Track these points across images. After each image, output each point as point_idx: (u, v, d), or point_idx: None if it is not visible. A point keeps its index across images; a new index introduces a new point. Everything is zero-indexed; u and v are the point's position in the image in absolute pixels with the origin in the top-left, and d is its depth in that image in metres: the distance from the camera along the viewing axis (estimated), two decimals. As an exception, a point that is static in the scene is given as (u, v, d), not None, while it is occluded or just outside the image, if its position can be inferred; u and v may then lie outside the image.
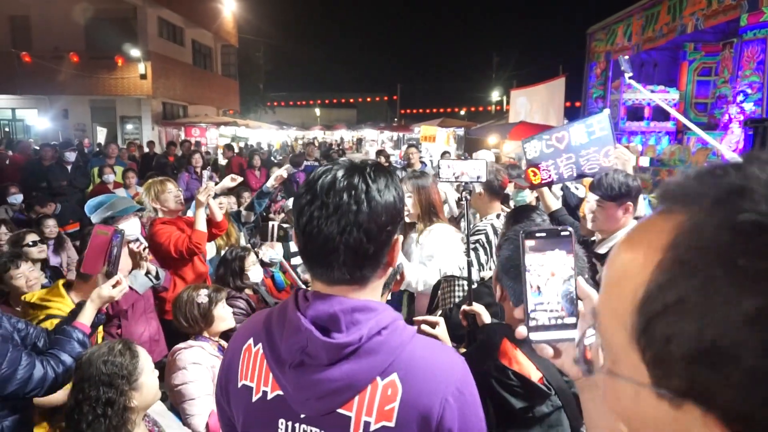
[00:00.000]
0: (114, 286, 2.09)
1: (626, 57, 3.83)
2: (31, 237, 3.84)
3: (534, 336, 0.78)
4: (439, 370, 0.93)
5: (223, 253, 4.11)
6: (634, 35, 10.60)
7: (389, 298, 1.76)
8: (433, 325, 1.77)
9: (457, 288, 2.68)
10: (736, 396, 0.40)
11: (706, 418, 0.42)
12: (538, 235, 0.79)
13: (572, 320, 0.77)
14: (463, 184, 2.42)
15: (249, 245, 4.02)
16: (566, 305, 0.77)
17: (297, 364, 0.94)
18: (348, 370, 0.91)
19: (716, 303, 0.40)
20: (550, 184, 3.00)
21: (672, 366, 0.43)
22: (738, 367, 0.39)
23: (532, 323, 0.78)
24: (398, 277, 1.67)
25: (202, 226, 3.52)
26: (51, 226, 4.73)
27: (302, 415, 0.95)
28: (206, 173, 4.47)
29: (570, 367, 0.79)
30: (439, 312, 2.51)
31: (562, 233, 0.79)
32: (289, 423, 0.97)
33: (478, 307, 1.90)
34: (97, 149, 13.01)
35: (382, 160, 8.32)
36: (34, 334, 2.03)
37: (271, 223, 5.15)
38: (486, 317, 1.88)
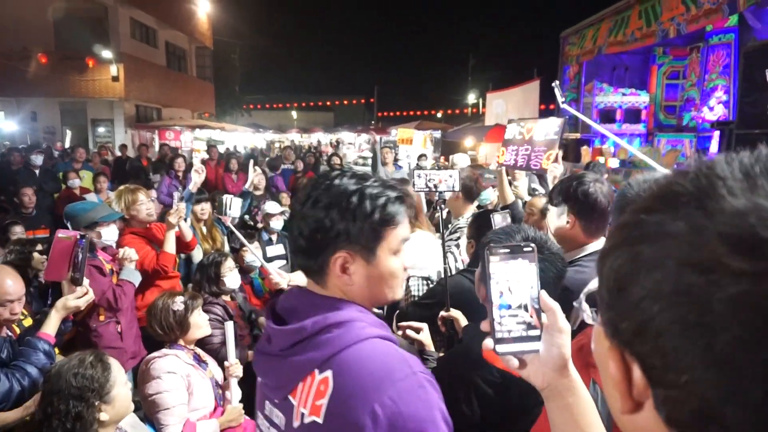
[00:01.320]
0: (80, 297, 2.04)
1: (556, 82, 4.10)
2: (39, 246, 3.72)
3: (500, 348, 0.80)
4: (374, 376, 0.92)
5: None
6: (600, 38, 10.81)
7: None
8: (417, 330, 1.81)
9: (411, 287, 2.77)
10: (626, 322, 0.45)
11: (611, 353, 0.48)
12: (501, 250, 0.81)
13: (536, 332, 0.80)
14: (437, 193, 2.45)
15: (227, 251, 3.97)
16: (530, 318, 0.80)
17: (262, 351, 1.07)
18: (293, 359, 0.98)
19: (626, 244, 0.46)
20: (507, 166, 3.17)
21: (602, 301, 0.49)
22: (630, 296, 0.44)
23: (498, 336, 0.80)
24: None
25: (171, 248, 3.50)
26: (18, 233, 4.59)
27: (275, 399, 1.05)
28: (176, 195, 4.37)
29: (535, 378, 0.82)
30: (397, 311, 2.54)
31: (525, 248, 0.81)
32: (270, 405, 1.07)
33: (455, 313, 1.93)
34: (66, 152, 12.68)
35: (337, 162, 8.38)
36: None
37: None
38: (463, 322, 1.90)
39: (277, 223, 4.70)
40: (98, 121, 19.76)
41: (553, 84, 3.95)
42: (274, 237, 4.75)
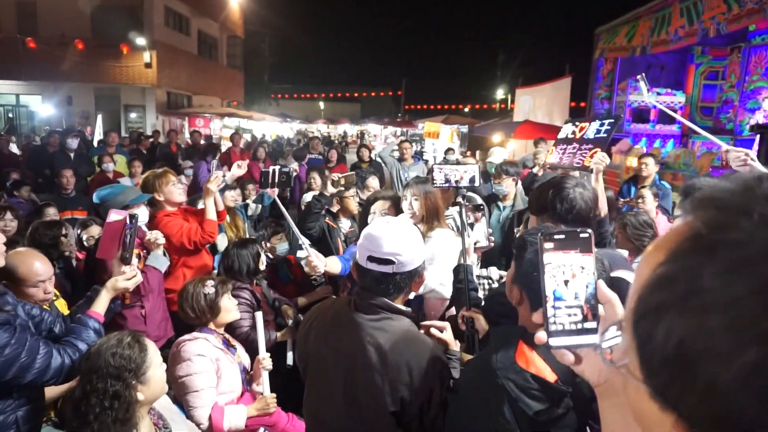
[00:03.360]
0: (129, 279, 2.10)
1: (642, 74, 3.88)
2: (65, 228, 3.81)
3: (554, 341, 0.76)
4: None
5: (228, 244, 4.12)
6: (638, 37, 10.52)
7: (411, 298, 1.76)
8: (440, 329, 1.81)
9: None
10: (698, 403, 0.40)
11: (677, 424, 0.43)
12: (557, 237, 0.76)
13: (593, 325, 0.75)
14: (457, 189, 2.42)
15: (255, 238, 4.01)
16: (587, 309, 0.75)
17: None
18: None
19: (687, 312, 0.41)
20: (552, 166, 3.08)
21: (652, 365, 0.45)
22: (700, 375, 0.39)
23: (551, 328, 0.75)
24: (417, 279, 1.66)
25: (212, 215, 3.51)
26: (51, 215, 4.71)
27: None
28: (215, 162, 4.45)
29: (591, 374, 0.78)
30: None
31: (581, 235, 0.76)
32: None
33: (475, 312, 1.92)
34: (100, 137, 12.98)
35: (365, 153, 8.29)
36: (49, 320, 2.02)
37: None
38: (483, 321, 1.88)
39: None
40: (131, 106, 20.17)
41: (639, 76, 3.80)
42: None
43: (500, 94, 34.89)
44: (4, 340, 1.64)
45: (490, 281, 3.18)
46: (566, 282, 0.75)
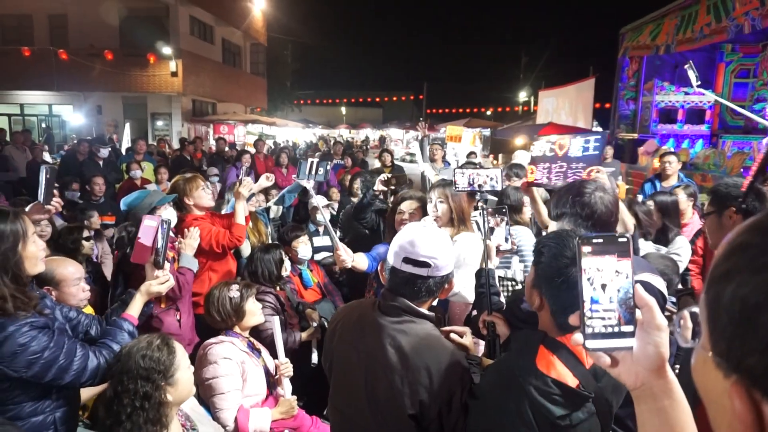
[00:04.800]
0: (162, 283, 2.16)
1: (690, 62, 3.78)
2: (85, 232, 3.93)
3: (590, 344, 0.76)
4: None
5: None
6: (663, 35, 10.30)
7: (435, 303, 1.77)
8: (461, 334, 1.82)
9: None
10: (758, 357, 0.41)
11: (736, 388, 0.44)
12: (595, 241, 0.77)
13: (630, 328, 0.75)
14: (479, 193, 2.41)
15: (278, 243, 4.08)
16: (624, 313, 0.76)
17: None
18: None
19: (755, 270, 0.42)
20: (538, 185, 3.02)
21: (718, 332, 0.46)
22: (760, 328, 0.41)
23: (588, 330, 0.76)
24: (446, 285, 1.67)
25: (241, 219, 3.55)
26: (94, 222, 4.86)
27: None
28: (245, 168, 4.55)
29: (627, 377, 0.77)
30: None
31: (620, 239, 0.77)
32: None
33: (496, 316, 1.91)
34: (128, 145, 13.31)
35: (387, 158, 8.32)
36: (86, 322, 2.10)
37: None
38: (504, 326, 1.87)
39: (321, 217, 4.82)
40: (157, 114, 20.62)
41: (686, 66, 3.74)
42: (321, 229, 5.01)
43: (523, 96, 34.60)
44: (43, 343, 1.70)
45: (514, 283, 3.16)
46: (603, 286, 0.76)
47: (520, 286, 3.10)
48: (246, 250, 4.39)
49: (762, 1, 7.39)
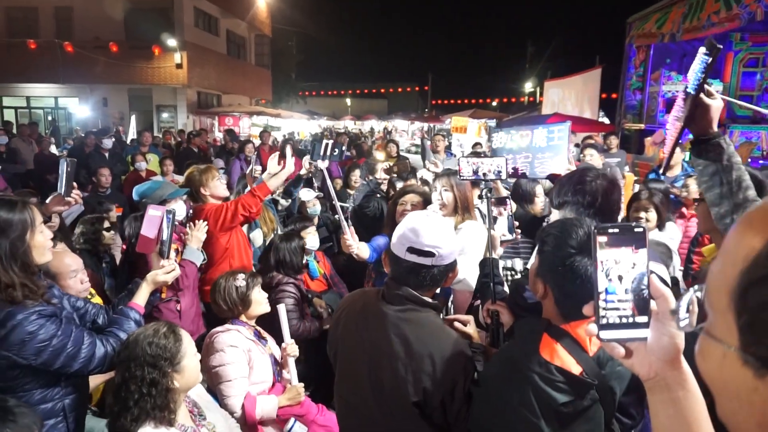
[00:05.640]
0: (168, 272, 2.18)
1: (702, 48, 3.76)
2: (105, 223, 3.95)
3: (604, 334, 0.76)
4: None
5: (269, 240, 4.22)
6: (669, 23, 10.18)
7: (437, 291, 1.78)
8: (464, 323, 1.82)
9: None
10: None
11: None
12: (610, 231, 0.76)
13: (644, 319, 0.75)
14: (484, 181, 2.40)
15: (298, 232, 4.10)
16: (638, 303, 0.75)
17: None
18: None
19: None
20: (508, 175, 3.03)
21: (762, 334, 0.45)
22: None
23: (602, 321, 0.76)
24: (450, 274, 1.67)
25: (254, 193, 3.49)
26: (112, 217, 4.89)
27: None
28: (253, 156, 4.57)
29: (641, 368, 0.77)
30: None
31: (636, 229, 0.77)
32: None
33: (500, 305, 1.91)
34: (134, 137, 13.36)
35: (393, 149, 8.25)
36: (93, 311, 2.13)
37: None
38: (508, 314, 1.88)
39: (314, 209, 4.81)
40: (162, 107, 20.66)
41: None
42: (314, 221, 4.87)
43: (529, 87, 34.38)
44: (51, 331, 1.72)
45: (513, 272, 3.17)
46: (618, 276, 0.76)
47: (519, 276, 3.11)
48: (258, 239, 4.41)
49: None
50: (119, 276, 3.70)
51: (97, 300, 2.92)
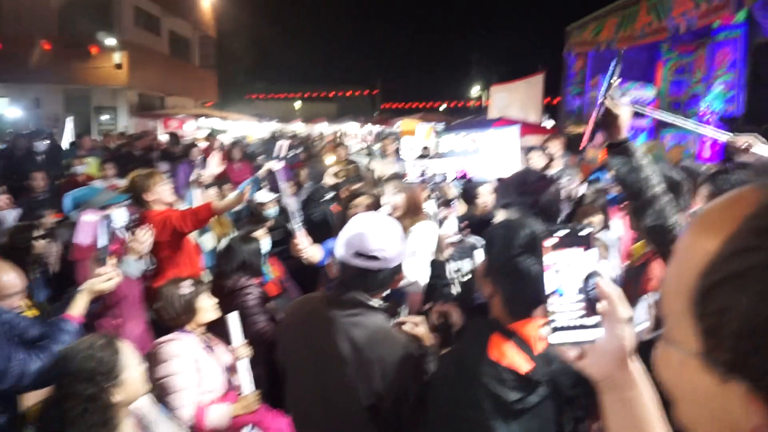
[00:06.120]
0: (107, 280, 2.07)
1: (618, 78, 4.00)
2: (38, 231, 3.70)
3: (554, 338, 0.77)
4: None
5: (222, 243, 4.10)
6: (605, 32, 10.72)
7: (387, 293, 1.77)
8: (415, 324, 1.81)
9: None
10: None
11: (750, 397, 0.42)
12: (557, 233, 0.78)
13: (594, 320, 0.76)
14: (432, 183, 2.44)
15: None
16: (588, 305, 0.76)
17: None
18: None
19: (750, 276, 0.40)
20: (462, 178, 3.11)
21: (723, 338, 0.44)
22: None
23: (554, 324, 0.77)
24: (397, 276, 1.68)
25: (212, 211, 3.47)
26: (46, 218, 4.59)
27: None
28: (199, 158, 4.48)
29: (591, 369, 0.78)
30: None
31: (581, 232, 0.78)
32: None
33: (449, 306, 1.94)
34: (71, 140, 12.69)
35: (342, 153, 8.22)
36: (23, 324, 1.98)
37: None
38: (457, 315, 1.91)
39: (270, 211, 4.76)
40: (101, 108, 19.74)
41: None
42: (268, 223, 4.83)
43: (475, 91, 35.17)
44: None
45: (462, 275, 3.22)
46: (567, 278, 0.77)
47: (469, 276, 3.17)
48: (209, 242, 4.29)
49: (696, 2, 7.82)
50: (57, 290, 3.50)
51: (34, 311, 2.75)
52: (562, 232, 0.79)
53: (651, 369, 0.67)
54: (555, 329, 0.77)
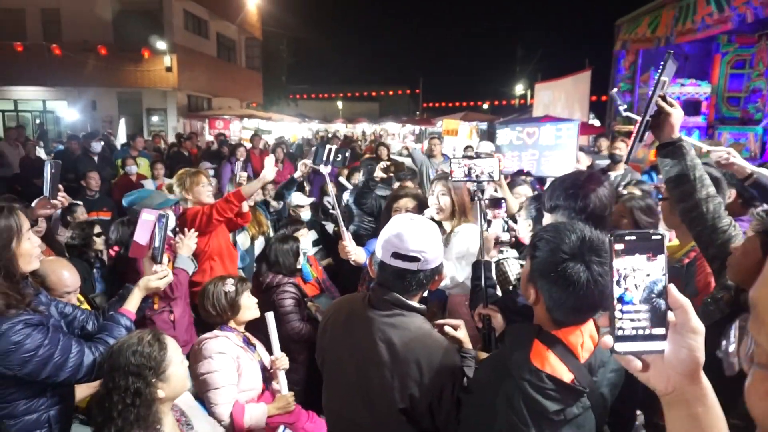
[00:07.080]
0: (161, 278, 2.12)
1: (615, 90, 3.88)
2: (96, 228, 3.87)
3: (619, 347, 0.73)
4: None
5: (262, 241, 4.19)
6: (662, 27, 10.26)
7: (425, 295, 1.75)
8: (455, 327, 1.79)
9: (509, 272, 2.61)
10: None
11: None
12: (627, 238, 0.73)
13: (661, 331, 0.72)
14: (476, 183, 2.38)
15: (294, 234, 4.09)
16: (655, 314, 0.72)
17: None
18: None
19: None
20: (514, 173, 3.01)
21: None
22: None
23: (618, 333, 0.73)
24: (437, 277, 1.65)
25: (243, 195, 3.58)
26: (80, 215, 4.81)
27: None
28: (239, 163, 4.59)
29: (658, 382, 0.74)
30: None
31: (653, 237, 0.73)
32: None
33: (492, 309, 1.88)
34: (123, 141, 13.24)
35: (384, 152, 8.18)
36: (82, 317, 2.06)
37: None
38: (500, 319, 1.85)
39: (305, 214, 4.81)
40: (152, 110, 20.51)
41: (612, 92, 3.82)
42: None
43: (519, 89, 34.54)
44: (38, 340, 1.68)
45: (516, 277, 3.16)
46: (635, 286, 0.73)
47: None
48: (245, 242, 4.38)
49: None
50: (108, 282, 3.65)
51: (87, 307, 2.87)
52: (632, 236, 0.74)
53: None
54: (619, 338, 0.73)
